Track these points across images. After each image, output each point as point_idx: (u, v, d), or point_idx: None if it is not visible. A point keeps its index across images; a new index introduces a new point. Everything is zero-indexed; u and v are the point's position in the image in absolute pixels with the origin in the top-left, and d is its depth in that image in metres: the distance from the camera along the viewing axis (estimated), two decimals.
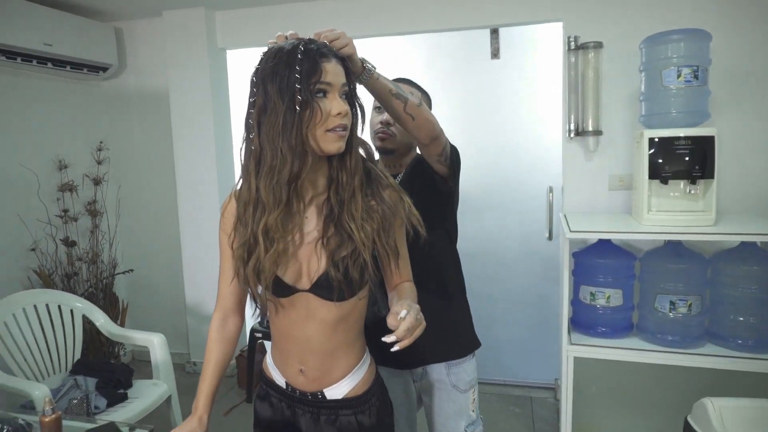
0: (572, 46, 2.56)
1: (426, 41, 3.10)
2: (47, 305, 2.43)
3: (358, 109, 1.06)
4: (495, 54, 2.91)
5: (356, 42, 1.10)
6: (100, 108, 3.47)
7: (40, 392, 1.90)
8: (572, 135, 2.61)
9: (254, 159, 1.00)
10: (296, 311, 1.10)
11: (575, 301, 2.34)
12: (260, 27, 3.12)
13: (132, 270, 3.47)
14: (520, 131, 3.01)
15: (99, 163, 3.29)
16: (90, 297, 2.99)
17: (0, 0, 2.56)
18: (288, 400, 1.19)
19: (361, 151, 1.10)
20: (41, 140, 3.07)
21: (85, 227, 3.29)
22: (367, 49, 3.21)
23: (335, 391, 1.14)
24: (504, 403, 2.95)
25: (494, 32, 2.89)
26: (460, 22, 2.79)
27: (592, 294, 2.24)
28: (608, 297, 2.20)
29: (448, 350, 1.49)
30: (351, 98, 1.05)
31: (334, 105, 0.99)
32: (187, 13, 3.13)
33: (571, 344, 2.19)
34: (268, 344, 2.17)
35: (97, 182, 3.28)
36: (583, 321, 2.30)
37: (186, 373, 3.42)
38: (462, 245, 1.59)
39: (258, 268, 1.04)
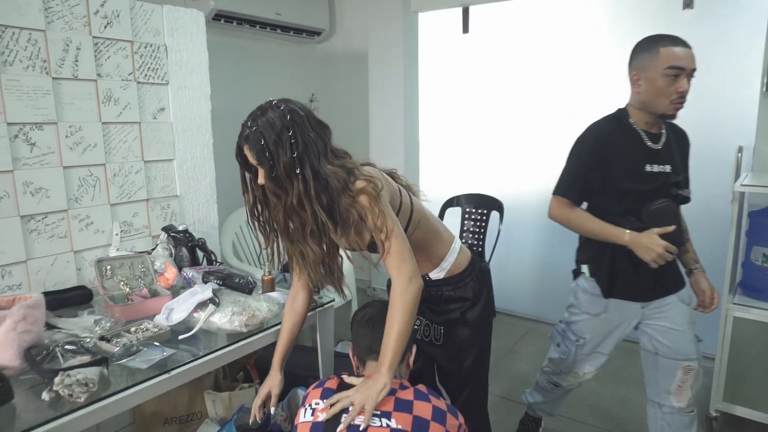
0: None
1: None
2: None
3: (296, 181, 1.29)
4: (688, 4, 2.74)
5: (539, 2, 1.10)
6: (313, 67, 4.13)
7: (259, 274, 2.53)
8: None
9: None
10: None
11: (746, 263, 2.23)
12: None
13: None
14: (712, 86, 2.80)
15: None
16: None
17: None
18: None
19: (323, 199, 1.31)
20: (270, 92, 3.76)
21: None
22: (550, 8, 3.20)
23: (436, 275, 1.57)
24: None
25: None
26: None
27: (765, 256, 2.12)
28: None
29: (678, 285, 1.79)
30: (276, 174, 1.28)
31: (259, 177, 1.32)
32: None
33: (733, 303, 2.12)
34: None
35: None
36: (753, 284, 2.19)
37: (366, 296, 4.01)
38: None
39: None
